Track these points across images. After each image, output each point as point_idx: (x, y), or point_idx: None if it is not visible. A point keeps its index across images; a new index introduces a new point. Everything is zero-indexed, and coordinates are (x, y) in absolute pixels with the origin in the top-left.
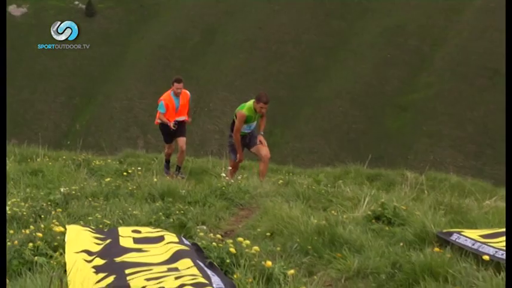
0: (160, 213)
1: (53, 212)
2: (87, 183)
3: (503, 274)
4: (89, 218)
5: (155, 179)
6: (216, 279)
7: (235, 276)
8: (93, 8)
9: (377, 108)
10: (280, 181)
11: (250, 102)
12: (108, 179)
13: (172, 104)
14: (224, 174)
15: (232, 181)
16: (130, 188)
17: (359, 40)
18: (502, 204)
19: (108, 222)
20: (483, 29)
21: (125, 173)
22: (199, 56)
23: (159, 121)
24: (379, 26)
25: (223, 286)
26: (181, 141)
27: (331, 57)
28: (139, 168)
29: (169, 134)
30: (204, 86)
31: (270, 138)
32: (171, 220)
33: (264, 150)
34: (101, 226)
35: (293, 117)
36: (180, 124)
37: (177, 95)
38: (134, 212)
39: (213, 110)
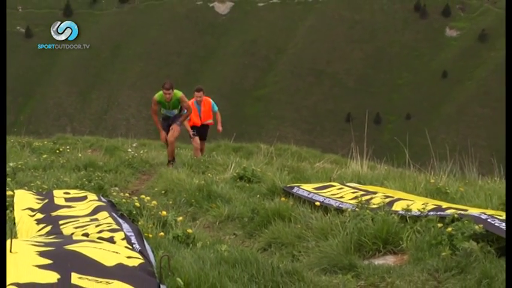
0: (84, 179)
1: None
2: (30, 159)
3: (329, 215)
4: (32, 184)
5: (80, 155)
6: (125, 226)
7: (139, 223)
8: (30, 31)
9: (239, 100)
10: None
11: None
12: (45, 156)
13: (195, 110)
14: (130, 150)
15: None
16: (61, 162)
17: (224, 51)
18: (328, 165)
19: (46, 187)
20: (311, 42)
21: (57, 151)
22: (109, 64)
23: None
24: (238, 41)
25: (131, 230)
26: (202, 144)
27: (204, 64)
28: (68, 147)
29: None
30: (114, 86)
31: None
32: (92, 184)
33: (169, 134)
34: (40, 190)
35: None
36: (204, 127)
37: (198, 102)
38: (65, 179)
39: (121, 104)
